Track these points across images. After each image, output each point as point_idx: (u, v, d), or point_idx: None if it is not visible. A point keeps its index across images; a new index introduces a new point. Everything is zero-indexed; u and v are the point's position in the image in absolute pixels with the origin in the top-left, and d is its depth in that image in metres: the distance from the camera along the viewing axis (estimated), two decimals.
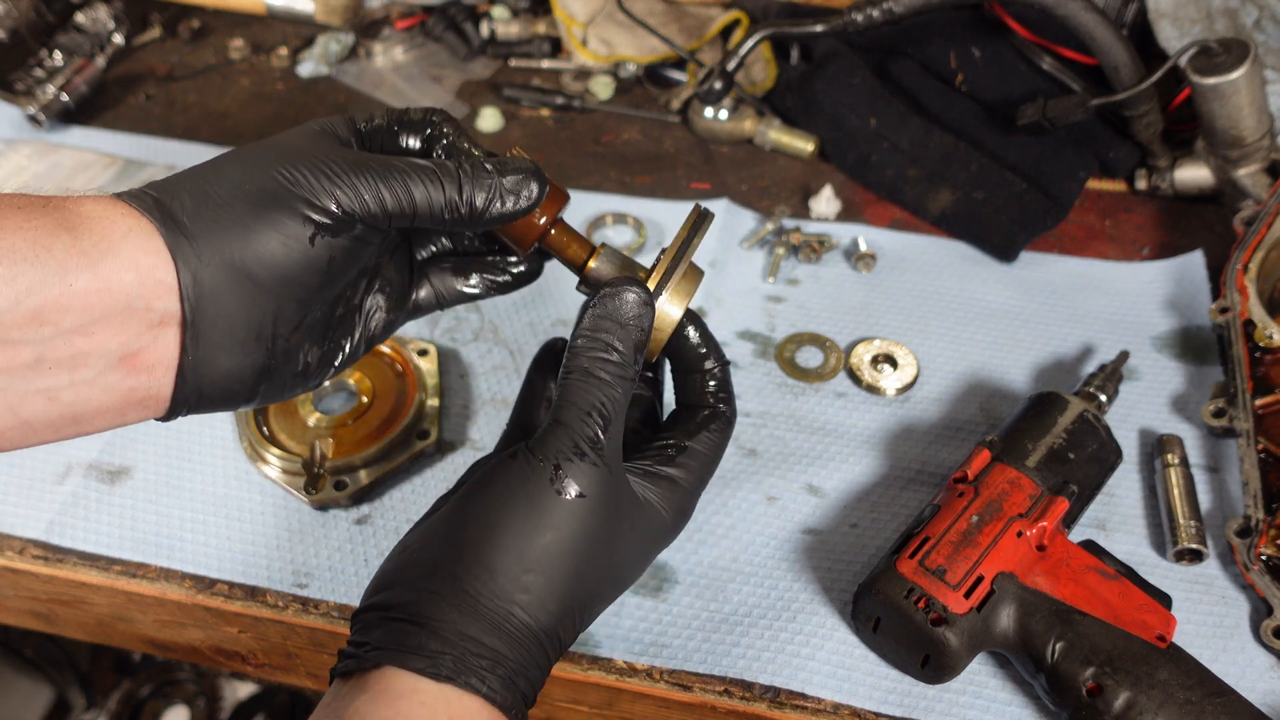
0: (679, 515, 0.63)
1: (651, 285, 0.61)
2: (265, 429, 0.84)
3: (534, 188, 0.59)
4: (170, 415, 0.55)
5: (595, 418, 0.57)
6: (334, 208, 0.54)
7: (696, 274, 0.64)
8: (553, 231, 0.64)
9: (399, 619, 0.53)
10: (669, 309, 0.62)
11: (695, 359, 0.66)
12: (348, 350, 0.63)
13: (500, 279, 0.69)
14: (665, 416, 0.69)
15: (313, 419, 0.84)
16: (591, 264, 0.64)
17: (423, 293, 0.68)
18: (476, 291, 0.69)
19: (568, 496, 0.55)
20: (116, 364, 0.51)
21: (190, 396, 0.54)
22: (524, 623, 0.54)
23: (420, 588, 0.54)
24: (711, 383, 0.66)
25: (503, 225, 0.60)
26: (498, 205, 0.58)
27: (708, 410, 0.66)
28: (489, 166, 0.58)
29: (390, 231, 0.58)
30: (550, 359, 0.70)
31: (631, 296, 0.58)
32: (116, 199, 0.52)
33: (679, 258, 0.62)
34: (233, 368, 0.54)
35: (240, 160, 0.55)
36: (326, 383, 0.75)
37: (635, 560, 0.61)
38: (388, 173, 0.55)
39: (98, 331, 0.50)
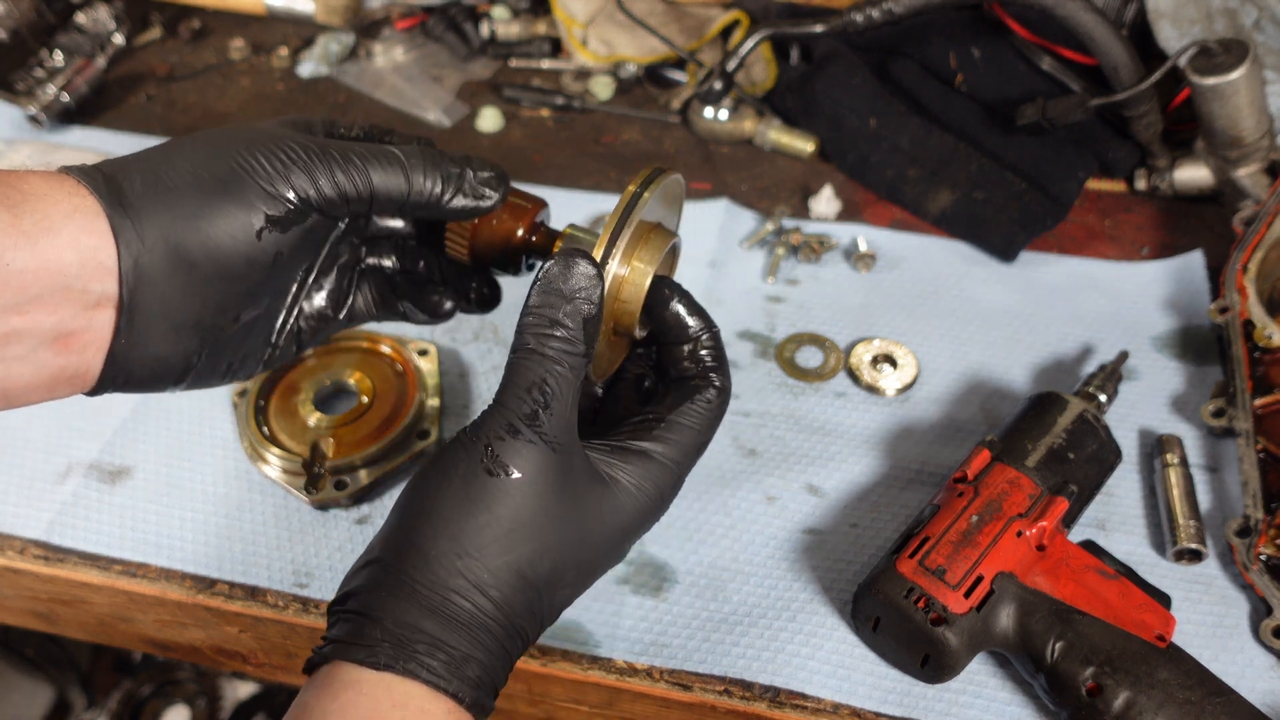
0: (657, 493, 0.59)
1: (597, 254, 0.57)
2: (265, 429, 0.84)
3: (496, 190, 0.59)
4: (96, 393, 0.55)
5: (535, 394, 0.54)
6: (290, 195, 0.54)
7: (665, 237, 0.60)
8: (534, 238, 0.63)
9: (350, 612, 0.53)
10: (633, 278, 0.58)
11: (679, 328, 0.62)
12: (280, 346, 0.63)
13: (429, 310, 0.69)
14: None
15: (313, 419, 0.84)
16: (557, 246, 0.61)
17: (359, 301, 0.69)
18: (409, 313, 0.69)
19: (502, 476, 0.53)
20: (50, 343, 0.51)
21: (118, 377, 0.54)
22: (464, 608, 0.52)
23: (367, 580, 0.54)
24: (702, 352, 0.63)
25: (463, 219, 0.60)
26: (460, 200, 0.59)
27: (695, 381, 0.62)
28: (454, 158, 0.58)
29: (340, 225, 0.59)
30: None
31: (577, 267, 0.55)
32: (65, 175, 0.52)
33: (624, 219, 0.57)
34: (164, 354, 0.55)
35: (200, 144, 0.55)
36: (249, 380, 0.74)
37: (604, 542, 0.58)
38: (347, 157, 0.56)
39: (33, 310, 0.49)
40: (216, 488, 0.83)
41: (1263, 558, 0.73)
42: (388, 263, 0.71)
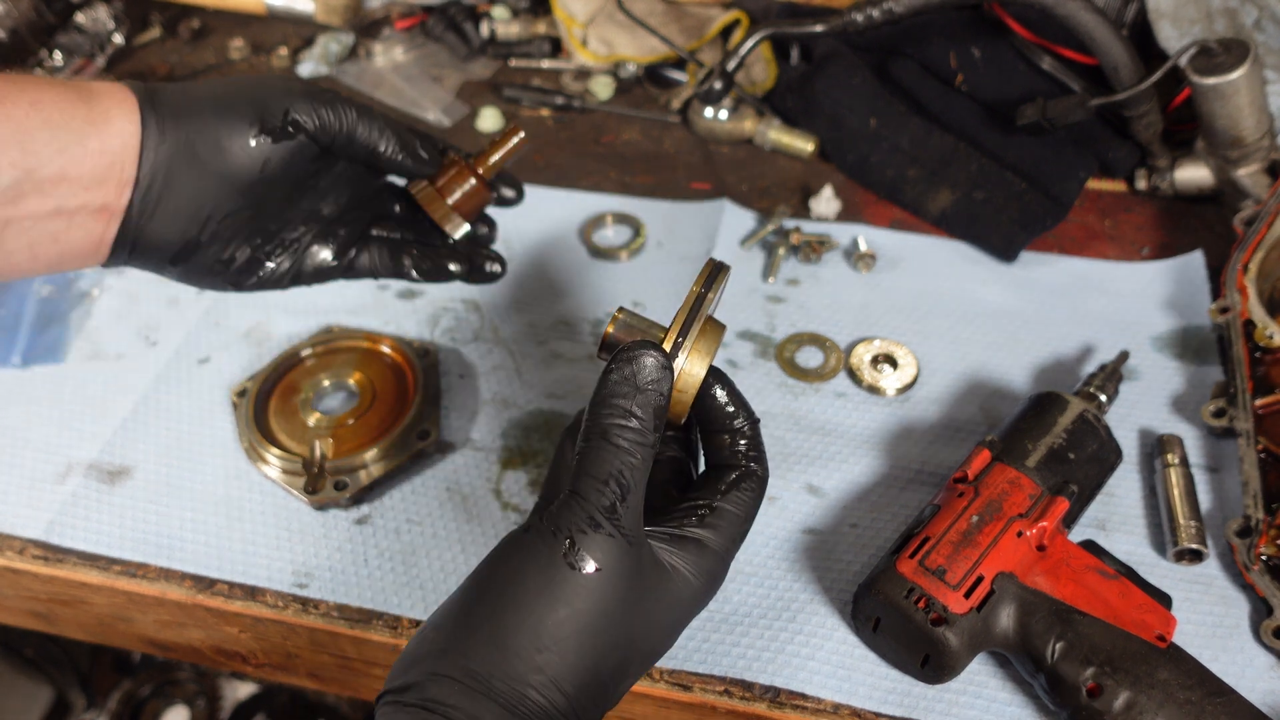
0: (709, 580, 0.60)
1: (668, 346, 0.59)
2: (265, 429, 0.84)
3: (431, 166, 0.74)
4: (110, 263, 0.67)
5: (612, 486, 0.55)
6: (279, 114, 0.66)
7: (718, 330, 0.62)
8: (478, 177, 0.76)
9: (412, 704, 0.51)
10: (692, 369, 0.60)
11: (723, 418, 0.63)
12: (274, 269, 0.73)
13: (429, 266, 0.78)
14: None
15: (313, 419, 0.84)
16: (609, 329, 0.62)
17: (363, 258, 0.78)
18: (410, 271, 0.78)
19: (583, 570, 0.53)
20: (96, 213, 0.63)
21: (126, 247, 0.66)
22: (539, 704, 0.51)
23: (433, 671, 0.52)
24: (742, 442, 0.63)
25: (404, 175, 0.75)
26: (407, 161, 0.73)
27: (738, 470, 0.63)
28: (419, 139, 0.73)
29: (322, 153, 0.70)
30: (577, 432, 0.67)
31: (650, 361, 0.56)
32: (121, 84, 0.65)
33: (693, 315, 0.60)
34: (165, 232, 0.66)
35: (233, 81, 0.69)
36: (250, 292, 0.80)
37: (664, 631, 0.58)
38: (335, 101, 0.70)
39: (95, 187, 0.62)
40: (216, 488, 0.83)
41: (1263, 558, 0.73)
42: (396, 235, 0.80)
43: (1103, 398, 0.82)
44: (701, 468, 0.66)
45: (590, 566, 0.53)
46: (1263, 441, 0.78)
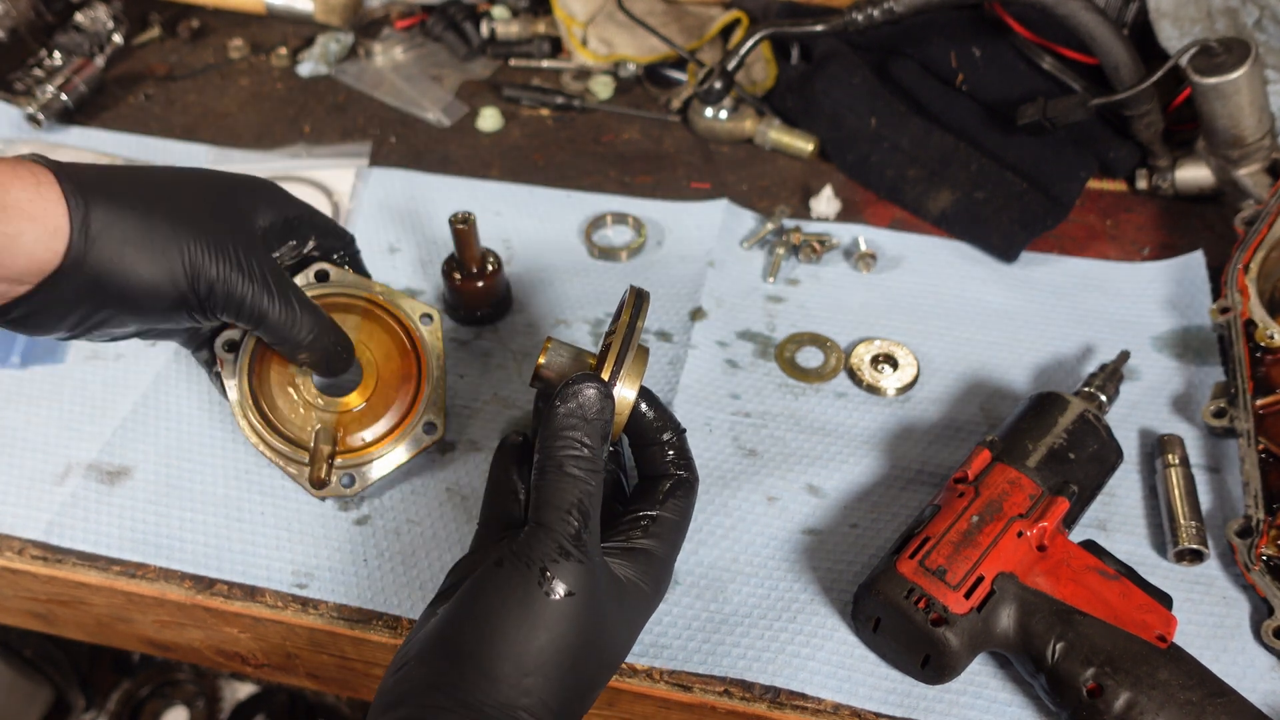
0: (658, 584, 0.65)
1: (606, 376, 0.64)
2: (269, 419, 0.78)
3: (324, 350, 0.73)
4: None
5: (575, 515, 0.59)
6: (201, 295, 0.65)
7: (644, 355, 0.68)
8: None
9: None
10: (625, 393, 0.65)
11: (652, 432, 0.69)
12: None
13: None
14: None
15: (320, 403, 0.78)
16: (541, 360, 0.68)
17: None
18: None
19: (556, 597, 0.57)
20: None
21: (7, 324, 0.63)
22: None
23: (425, 703, 0.54)
24: (670, 452, 0.69)
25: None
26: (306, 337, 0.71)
27: (671, 479, 0.68)
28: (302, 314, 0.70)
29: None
30: (513, 454, 0.71)
31: (592, 392, 0.62)
32: (53, 180, 0.61)
33: (626, 345, 0.65)
34: (39, 330, 0.64)
35: (186, 216, 0.65)
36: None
37: (624, 639, 0.63)
38: (266, 286, 0.67)
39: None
40: (215, 488, 0.83)
41: (1264, 558, 0.73)
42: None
43: (1103, 398, 0.82)
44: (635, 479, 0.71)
45: (562, 591, 0.57)
46: (1263, 441, 0.78)
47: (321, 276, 0.78)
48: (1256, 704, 0.64)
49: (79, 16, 1.29)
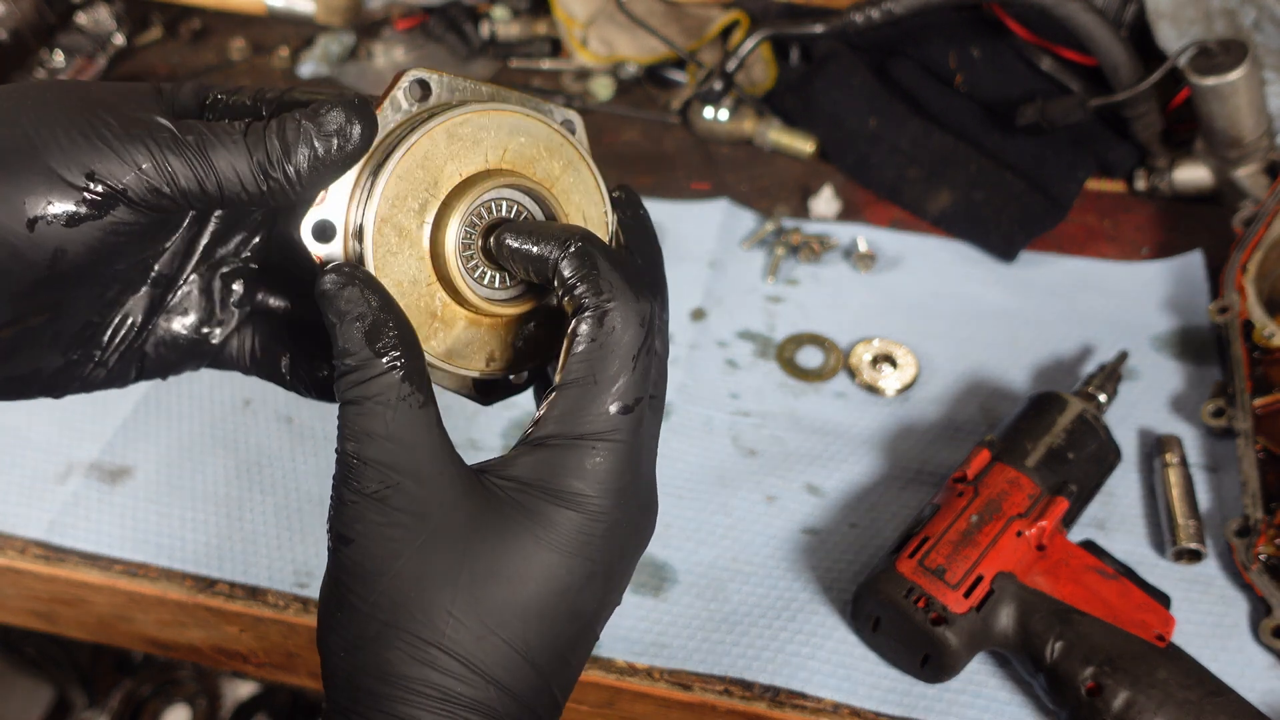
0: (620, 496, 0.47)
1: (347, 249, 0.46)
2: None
3: (355, 126, 0.45)
4: None
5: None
6: (80, 180, 0.41)
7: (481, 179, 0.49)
8: None
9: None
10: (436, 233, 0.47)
11: (533, 265, 0.47)
12: (110, 366, 0.50)
13: (308, 381, 0.53)
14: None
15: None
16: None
17: (232, 344, 0.53)
18: (288, 374, 0.53)
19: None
20: None
21: None
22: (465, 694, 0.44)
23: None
24: (567, 274, 0.46)
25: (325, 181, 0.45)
26: (307, 153, 0.44)
27: (571, 320, 0.46)
28: (296, 115, 0.45)
29: (175, 224, 0.47)
30: None
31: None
32: None
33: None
34: None
35: (32, 100, 0.43)
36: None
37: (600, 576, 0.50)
38: (179, 139, 0.43)
39: None
40: (217, 487, 0.83)
41: (1262, 557, 0.73)
42: (279, 302, 0.54)
43: (1102, 398, 0.82)
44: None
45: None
46: (1261, 441, 0.78)
47: (421, 89, 0.51)
48: (1255, 703, 0.64)
49: (81, 17, 1.29)
